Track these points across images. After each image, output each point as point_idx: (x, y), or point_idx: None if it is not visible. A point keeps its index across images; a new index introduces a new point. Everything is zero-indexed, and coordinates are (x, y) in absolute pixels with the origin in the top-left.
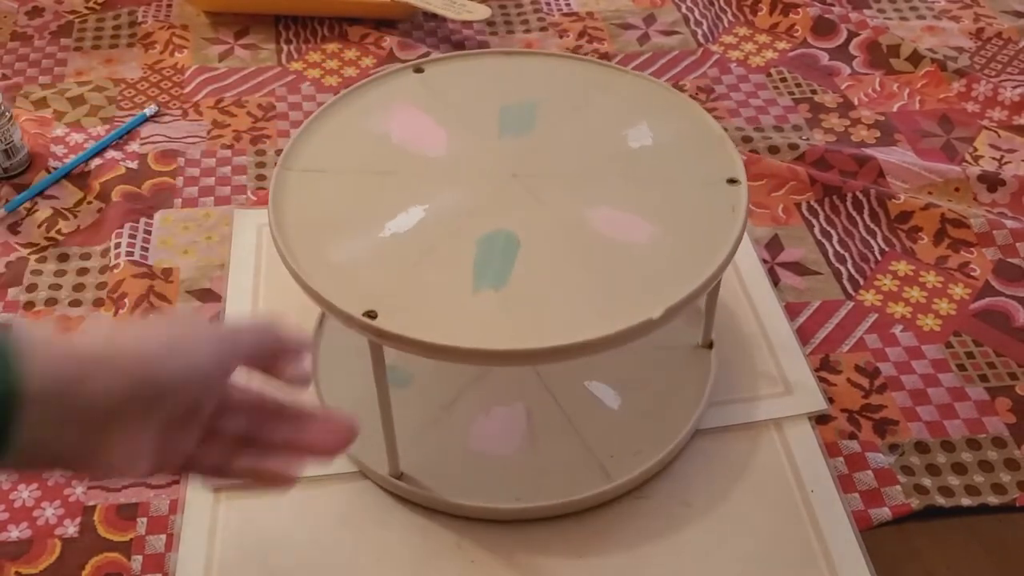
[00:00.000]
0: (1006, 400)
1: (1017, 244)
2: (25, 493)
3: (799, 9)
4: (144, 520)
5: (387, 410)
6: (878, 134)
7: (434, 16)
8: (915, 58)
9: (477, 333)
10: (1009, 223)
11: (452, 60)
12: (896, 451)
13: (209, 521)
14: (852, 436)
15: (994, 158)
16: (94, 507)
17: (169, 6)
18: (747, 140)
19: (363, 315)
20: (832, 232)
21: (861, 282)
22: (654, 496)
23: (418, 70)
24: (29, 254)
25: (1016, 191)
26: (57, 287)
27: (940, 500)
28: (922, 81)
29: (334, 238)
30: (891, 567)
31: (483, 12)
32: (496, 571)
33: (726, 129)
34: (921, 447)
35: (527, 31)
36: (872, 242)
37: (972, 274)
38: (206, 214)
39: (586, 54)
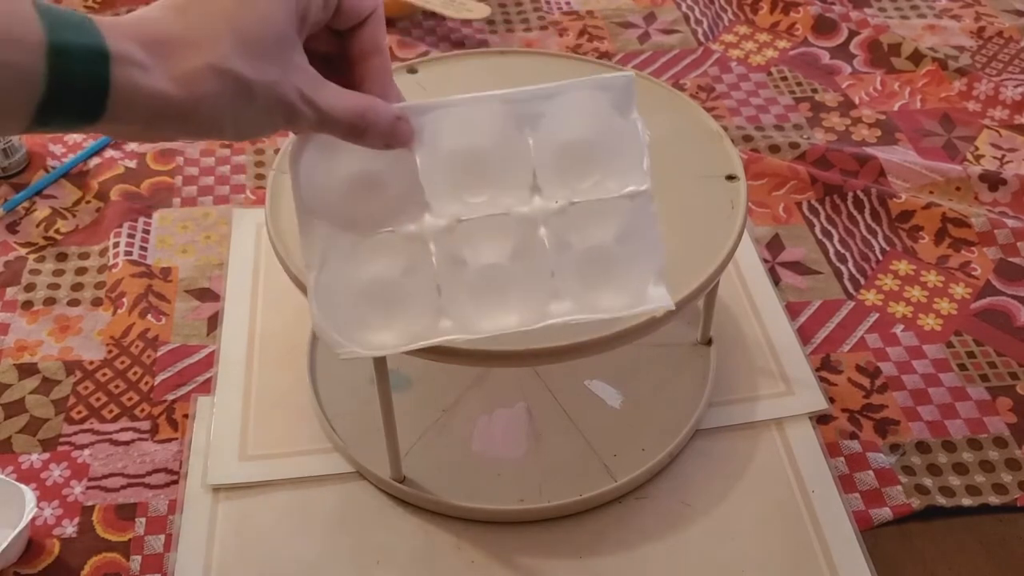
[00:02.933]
0: (1007, 400)
1: (1018, 243)
2: None
3: (800, 8)
4: (143, 520)
5: (389, 414)
6: (879, 133)
7: (433, 14)
8: (916, 57)
9: None
10: (1010, 222)
11: (447, 60)
12: (897, 451)
13: (208, 521)
14: (853, 436)
15: (995, 157)
16: (93, 507)
17: None
18: (748, 139)
19: None
20: (833, 231)
21: (862, 281)
22: (654, 496)
23: (412, 71)
24: (27, 253)
25: (1017, 190)
26: (55, 286)
27: (941, 500)
28: (923, 80)
29: None
30: (892, 567)
31: (483, 11)
32: (495, 572)
33: (726, 128)
34: (922, 447)
35: (527, 30)
36: (873, 241)
37: (973, 273)
38: (205, 213)
39: (586, 53)
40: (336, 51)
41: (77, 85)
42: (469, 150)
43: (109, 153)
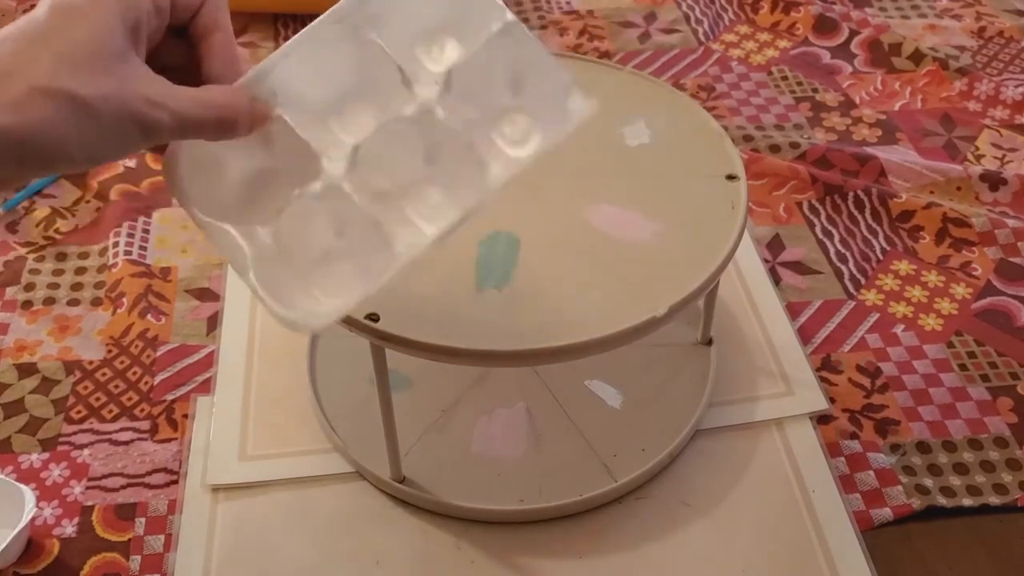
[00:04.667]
0: (1008, 400)
1: (1019, 243)
2: None
3: (800, 7)
4: (143, 520)
5: (389, 414)
6: (880, 133)
7: None
8: (917, 57)
9: (480, 334)
10: (1011, 222)
11: None
12: (897, 451)
13: (208, 521)
14: (853, 436)
15: (996, 157)
16: (92, 507)
17: None
18: (748, 139)
19: (365, 318)
20: (833, 231)
21: (863, 281)
22: (654, 496)
23: None
24: (27, 253)
25: (1018, 190)
26: (55, 286)
27: (941, 500)
28: (924, 80)
29: None
30: (892, 568)
31: None
32: (495, 572)
33: (727, 128)
34: (922, 447)
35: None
36: (874, 241)
37: (974, 273)
38: None
39: (586, 52)
40: (185, 63)
41: None
42: (333, 83)
43: None
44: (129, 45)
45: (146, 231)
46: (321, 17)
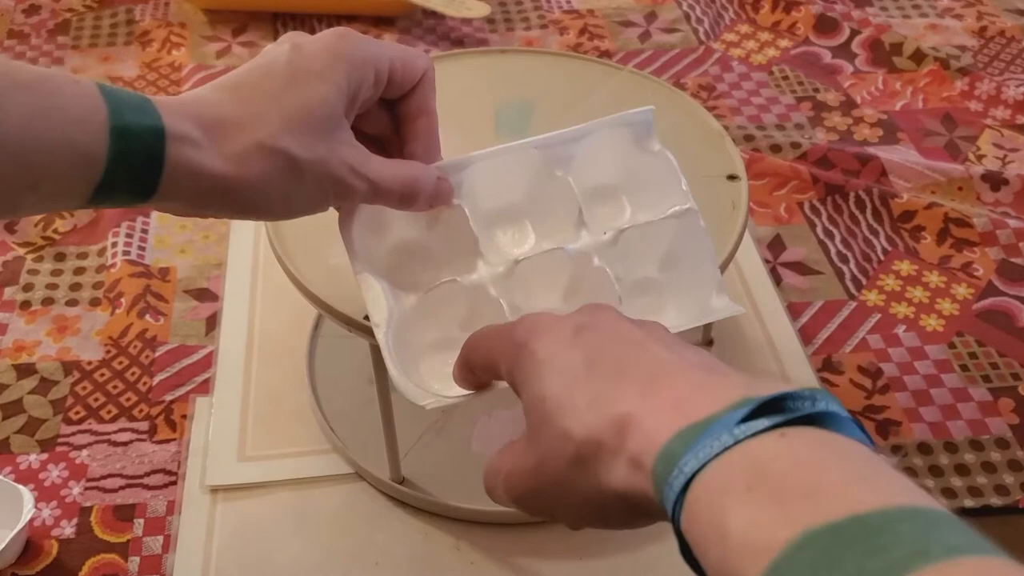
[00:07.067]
0: (1009, 401)
1: (1020, 244)
2: None
3: (801, 7)
4: (141, 521)
5: (388, 414)
6: (881, 133)
7: (433, 13)
8: (918, 56)
9: None
10: (1012, 222)
11: (446, 59)
12: (899, 452)
13: (207, 522)
14: None
15: (997, 157)
16: (91, 508)
17: (167, 4)
18: (749, 138)
19: (365, 318)
20: (835, 231)
21: (864, 282)
22: None
23: None
24: (26, 253)
25: (1019, 190)
26: (54, 287)
27: (943, 501)
28: (925, 79)
29: (332, 241)
30: None
31: (483, 9)
32: (495, 573)
33: (727, 127)
34: (924, 448)
35: (527, 28)
36: (875, 241)
37: (975, 274)
38: None
39: (587, 52)
40: (384, 133)
41: (135, 164)
42: (511, 196)
43: None
44: (345, 112)
45: (145, 231)
46: (526, 140)
